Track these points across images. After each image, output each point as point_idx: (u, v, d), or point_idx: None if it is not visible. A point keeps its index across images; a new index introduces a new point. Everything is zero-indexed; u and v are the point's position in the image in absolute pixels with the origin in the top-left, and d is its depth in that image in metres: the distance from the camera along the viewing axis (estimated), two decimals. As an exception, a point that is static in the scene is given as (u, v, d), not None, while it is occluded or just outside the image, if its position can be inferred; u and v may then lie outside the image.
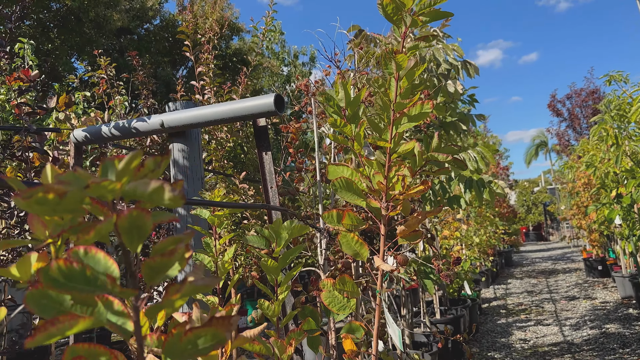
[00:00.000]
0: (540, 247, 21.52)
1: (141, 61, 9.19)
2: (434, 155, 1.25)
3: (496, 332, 5.82)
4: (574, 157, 10.31)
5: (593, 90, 18.35)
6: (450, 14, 1.17)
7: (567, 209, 12.49)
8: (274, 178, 1.88)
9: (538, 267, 13.15)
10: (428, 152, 1.27)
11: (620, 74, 5.92)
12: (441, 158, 1.24)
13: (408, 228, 1.24)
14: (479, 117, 4.69)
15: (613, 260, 9.20)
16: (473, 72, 3.50)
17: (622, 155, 5.58)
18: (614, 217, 5.72)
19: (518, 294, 8.68)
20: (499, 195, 2.88)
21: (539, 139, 37.88)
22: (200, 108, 1.91)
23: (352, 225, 1.21)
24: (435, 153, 1.25)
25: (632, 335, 5.10)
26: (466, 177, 2.91)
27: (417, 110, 1.23)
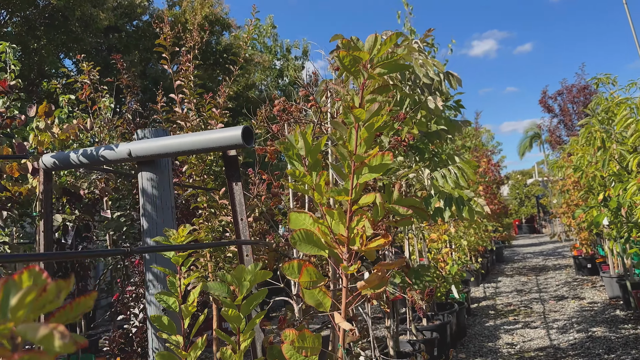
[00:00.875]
0: (532, 241, 21.64)
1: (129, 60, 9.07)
2: (395, 207, 1.22)
3: (484, 336, 5.83)
4: (564, 156, 10.32)
5: (584, 86, 18.37)
6: (408, 67, 1.13)
7: (558, 205, 12.53)
8: (245, 210, 1.85)
9: (529, 263, 13.21)
10: (389, 203, 1.24)
11: (608, 77, 5.90)
12: (402, 211, 1.21)
13: (369, 284, 1.21)
14: (465, 123, 4.66)
15: (602, 259, 9.24)
16: (455, 84, 3.46)
17: (609, 159, 5.57)
18: (601, 220, 5.72)
19: (507, 293, 8.71)
20: (478, 214, 2.86)
21: (532, 130, 37.92)
22: (168, 138, 1.86)
23: (310, 282, 1.18)
24: (396, 205, 1.22)
25: (617, 339, 5.12)
26: (446, 193, 2.88)
27: (378, 162, 1.20)
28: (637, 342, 4.95)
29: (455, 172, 2.96)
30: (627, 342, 4.99)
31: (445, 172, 2.96)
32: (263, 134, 3.16)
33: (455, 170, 2.96)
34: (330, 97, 2.51)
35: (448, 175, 2.94)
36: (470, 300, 8.03)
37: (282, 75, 23.03)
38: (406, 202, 1.23)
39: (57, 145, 3.31)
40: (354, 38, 1.16)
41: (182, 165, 3.40)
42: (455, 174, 2.94)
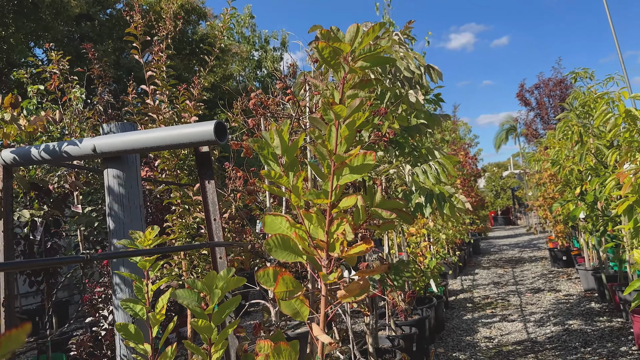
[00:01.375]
0: (508, 233, 21.92)
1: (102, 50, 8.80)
2: (377, 211, 1.13)
3: (462, 330, 5.84)
4: (540, 149, 10.41)
5: (560, 80, 18.58)
6: (391, 60, 1.05)
7: (534, 199, 12.67)
8: (218, 209, 1.75)
9: (505, 255, 13.36)
10: (372, 206, 1.16)
11: (585, 71, 5.92)
12: (385, 215, 1.13)
13: (349, 292, 1.13)
14: (445, 117, 4.61)
15: (577, 251, 9.37)
16: (436, 77, 3.40)
17: (587, 153, 5.60)
18: (578, 214, 5.76)
19: (484, 285, 8.77)
20: (459, 211, 2.81)
21: (508, 123, 38.37)
22: (136, 133, 1.75)
23: (286, 293, 1.09)
24: (378, 209, 1.13)
25: (593, 332, 5.16)
26: (427, 189, 2.82)
27: (360, 162, 1.11)
28: (612, 334, 5.00)
29: (436, 167, 2.90)
30: (602, 335, 5.04)
31: (426, 168, 2.89)
32: (239, 128, 3.05)
33: (436, 166, 2.90)
34: (308, 91, 2.42)
35: (429, 170, 2.88)
36: (448, 293, 8.06)
37: (260, 67, 22.78)
38: (390, 205, 1.14)
39: (25, 138, 3.16)
40: (333, 28, 1.07)
41: (155, 159, 3.27)
42: (436, 169, 2.87)
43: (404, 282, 3.78)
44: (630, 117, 3.68)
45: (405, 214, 1.17)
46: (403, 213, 1.16)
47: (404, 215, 1.17)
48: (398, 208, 1.17)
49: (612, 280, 6.23)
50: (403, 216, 1.17)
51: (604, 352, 4.50)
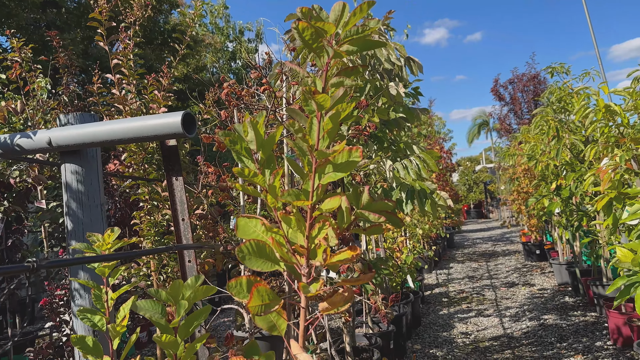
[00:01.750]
0: (481, 227, 22.18)
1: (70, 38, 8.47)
2: (364, 213, 1.02)
3: (438, 325, 5.80)
4: (514, 144, 10.47)
5: (534, 75, 18.78)
6: (382, 44, 0.93)
7: (507, 192, 12.78)
8: (186, 209, 1.60)
9: (479, 248, 13.46)
10: (358, 208, 1.04)
11: (562, 66, 5.92)
12: (372, 218, 1.01)
13: (332, 305, 1.01)
14: (423, 111, 4.53)
15: (550, 245, 9.47)
16: (416, 70, 3.30)
17: (563, 148, 5.60)
18: (553, 209, 5.77)
19: (459, 279, 8.78)
20: (441, 208, 2.72)
21: (480, 118, 38.82)
22: (96, 125, 1.59)
23: (262, 307, 0.97)
24: (365, 211, 1.02)
25: (568, 327, 5.18)
26: (408, 185, 2.72)
27: (344, 158, 0.99)
28: (586, 329, 5.02)
29: (417, 163, 2.81)
30: (577, 329, 5.06)
31: (407, 163, 2.79)
32: (212, 120, 2.90)
33: (417, 161, 2.81)
34: (285, 81, 2.28)
35: (410, 166, 2.78)
36: (424, 287, 8.05)
37: (235, 58, 22.43)
38: (377, 207, 1.03)
39: (-17, 129, 2.96)
40: (316, 7, 0.94)
41: (122, 152, 3.09)
42: (417, 164, 2.78)
43: (382, 279, 3.68)
44: (609, 112, 3.65)
45: (394, 217, 1.05)
46: (392, 216, 1.05)
47: (393, 219, 1.06)
48: (387, 210, 1.05)
49: (586, 274, 6.28)
50: (392, 219, 1.06)
51: (579, 347, 4.51)
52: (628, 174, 3.37)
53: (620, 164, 3.27)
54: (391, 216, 1.04)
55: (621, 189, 3.41)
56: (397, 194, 2.70)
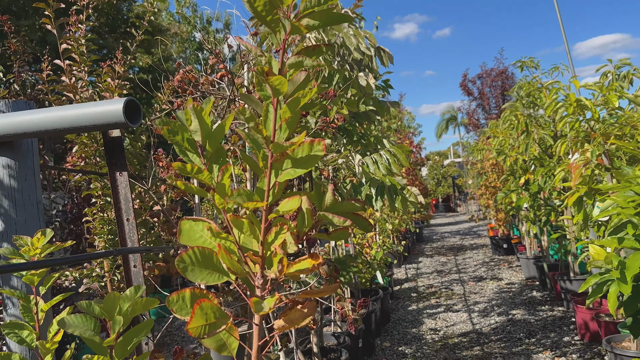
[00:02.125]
0: (449, 220, 22.40)
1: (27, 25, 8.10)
2: (328, 216, 0.88)
3: (407, 321, 5.74)
4: (483, 139, 10.52)
5: (502, 70, 18.99)
6: (349, 19, 0.79)
7: (475, 186, 12.88)
8: (131, 207, 1.44)
9: (447, 242, 13.55)
10: (321, 210, 0.90)
11: (531, 60, 5.91)
12: (337, 221, 0.87)
13: (289, 324, 0.87)
14: (394, 104, 4.42)
15: (517, 239, 9.56)
16: (387, 60, 3.18)
17: (532, 143, 5.60)
18: (522, 204, 5.78)
19: (428, 274, 8.78)
20: (411, 205, 2.61)
21: (448, 113, 39.25)
22: (27, 113, 1.41)
23: (206, 327, 0.82)
24: (329, 213, 0.88)
25: (536, 322, 5.18)
26: (378, 180, 2.60)
27: (305, 152, 0.85)
28: (554, 324, 5.03)
29: (387, 157, 2.69)
30: (545, 324, 5.06)
31: (377, 158, 2.67)
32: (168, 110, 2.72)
33: (387, 156, 2.69)
34: (247, 68, 2.13)
35: (380, 160, 2.66)
36: (393, 282, 8.00)
37: (202, 49, 21.96)
38: (343, 208, 0.89)
39: None
40: (272, -26, 0.79)
41: (72, 145, 2.88)
42: (387, 159, 2.66)
43: (351, 277, 3.57)
44: (580, 106, 3.62)
45: (362, 220, 0.92)
46: (360, 218, 0.91)
47: (361, 222, 0.92)
48: (354, 211, 0.91)
49: (554, 269, 6.32)
50: (360, 222, 0.92)
51: (547, 342, 4.50)
52: (599, 170, 3.34)
53: (591, 159, 3.23)
54: (358, 219, 0.90)
55: (592, 184, 3.37)
56: (367, 190, 2.57)
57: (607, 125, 3.57)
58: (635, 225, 2.37)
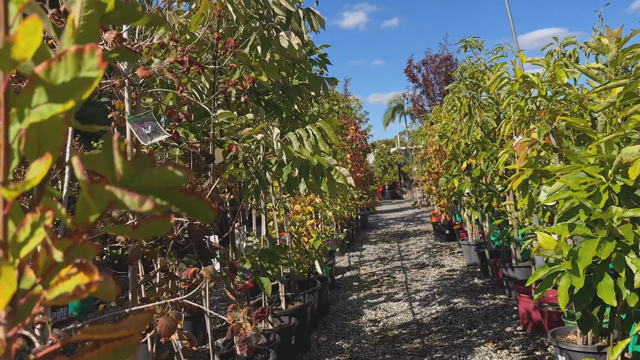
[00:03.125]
0: (394, 207, 22.49)
1: None
2: (115, 193, 0.48)
3: (347, 312, 5.45)
4: (426, 124, 10.38)
5: (447, 57, 19.00)
6: None
7: (419, 173, 12.81)
8: None
9: (392, 229, 13.46)
10: (114, 183, 0.50)
11: (475, 40, 5.69)
12: (131, 203, 0.48)
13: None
14: (331, 81, 4.06)
15: (459, 225, 9.49)
16: (317, 24, 2.80)
17: (474, 126, 5.39)
18: (464, 189, 5.58)
19: (371, 262, 8.56)
20: (340, 187, 2.25)
21: (395, 102, 39.56)
22: None
23: None
24: (118, 189, 0.48)
25: (478, 311, 5.01)
26: (303, 159, 2.22)
27: (71, 71, 0.45)
28: (496, 313, 4.87)
29: (314, 133, 2.31)
30: (487, 314, 4.89)
31: (302, 133, 2.29)
32: None
33: (314, 131, 2.31)
34: None
35: (305, 137, 2.28)
36: (335, 271, 7.71)
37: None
38: (152, 179, 0.50)
39: None
40: None
41: None
42: (314, 135, 2.28)
43: (280, 270, 3.20)
44: (526, 83, 3.37)
45: (192, 200, 0.53)
46: (186, 198, 0.52)
47: (188, 203, 0.53)
48: (171, 185, 0.52)
49: (495, 255, 6.20)
50: (187, 204, 0.53)
51: (489, 333, 4.31)
52: (546, 150, 3.10)
53: (538, 139, 2.98)
54: (182, 198, 0.51)
55: (538, 167, 3.13)
56: (289, 170, 2.19)
57: (554, 102, 3.34)
58: (588, 209, 2.11)
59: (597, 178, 2.21)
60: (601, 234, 2.06)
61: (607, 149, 2.24)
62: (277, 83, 3.28)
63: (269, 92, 3.20)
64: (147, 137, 1.61)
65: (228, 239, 3.31)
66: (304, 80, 3.58)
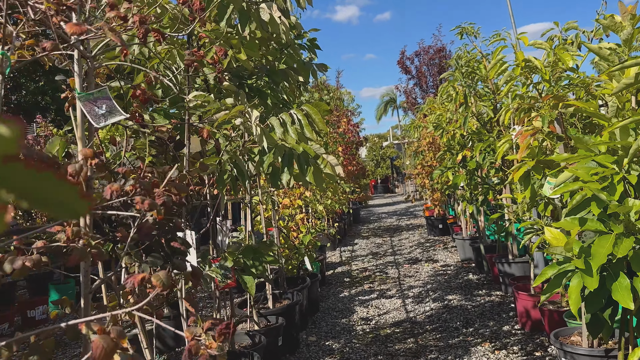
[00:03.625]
0: (387, 201, 22.32)
1: None
2: None
3: (338, 310, 5.25)
4: (420, 116, 10.16)
5: (440, 48, 18.70)
6: None
7: (412, 167, 12.61)
8: None
9: (384, 223, 13.27)
10: None
11: (471, 27, 5.46)
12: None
13: None
14: (321, 68, 3.84)
15: (453, 219, 9.31)
16: (304, 1, 2.57)
17: (470, 116, 5.18)
18: (459, 182, 5.38)
19: (363, 257, 8.36)
20: (328, 178, 2.03)
21: (388, 96, 39.36)
22: None
23: None
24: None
25: (474, 309, 4.82)
26: (286, 147, 2.00)
27: None
28: (493, 311, 4.68)
29: (299, 118, 2.09)
30: (483, 311, 4.70)
31: (286, 118, 2.07)
32: None
33: (300, 116, 2.09)
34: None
35: (289, 122, 2.06)
36: (326, 266, 7.51)
37: None
38: None
39: None
40: None
41: None
42: (299, 120, 2.06)
43: (265, 268, 2.98)
44: (528, 68, 3.16)
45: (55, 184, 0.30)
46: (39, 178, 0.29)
47: (45, 188, 0.30)
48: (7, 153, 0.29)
49: (491, 250, 6.02)
50: (41, 189, 0.30)
51: (486, 332, 4.12)
52: (550, 139, 2.89)
53: (541, 127, 2.78)
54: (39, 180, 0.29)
55: (541, 157, 2.93)
56: (270, 159, 1.97)
57: (558, 88, 3.14)
58: (602, 202, 1.90)
59: (610, 168, 2.00)
60: (617, 230, 1.86)
61: (622, 135, 2.03)
62: (263, 66, 3.05)
63: (253, 76, 2.97)
64: (100, 117, 1.38)
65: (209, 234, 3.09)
66: (290, 64, 3.36)
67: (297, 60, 3.46)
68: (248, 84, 2.97)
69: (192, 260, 2.30)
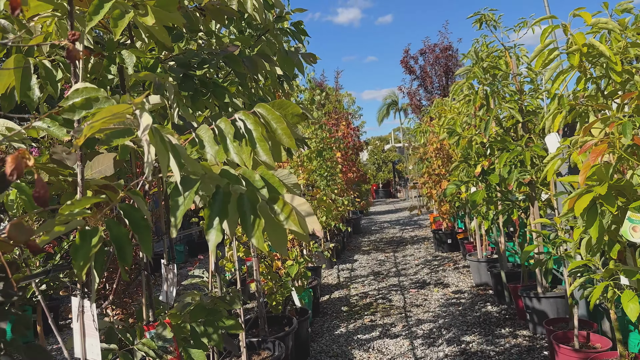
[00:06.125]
0: (389, 207, 21.39)
1: None
2: None
3: (332, 355, 4.35)
4: (426, 120, 9.27)
5: (447, 47, 17.66)
6: None
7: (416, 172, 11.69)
8: None
9: (386, 234, 12.36)
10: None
11: (492, 14, 4.58)
12: None
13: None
14: (308, 57, 2.96)
15: (463, 233, 8.40)
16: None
17: (492, 121, 4.30)
18: (478, 199, 4.49)
19: (364, 277, 7.46)
20: (297, 235, 1.09)
21: (390, 98, 38.60)
22: None
23: None
24: None
25: (497, 356, 3.92)
26: (220, 180, 1.12)
27: None
28: (521, 359, 3.79)
29: (248, 126, 1.21)
30: None
31: (224, 127, 1.19)
32: None
33: (249, 123, 1.21)
34: None
35: (229, 133, 1.18)
36: (321, 290, 6.62)
37: None
38: None
39: None
40: None
41: None
42: (244, 130, 1.18)
43: (219, 337, 2.10)
44: (590, 56, 2.28)
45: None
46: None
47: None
48: None
49: (513, 278, 5.13)
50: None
51: (520, 398, 3.23)
52: (631, 157, 2.01)
53: (624, 135, 1.89)
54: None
55: (614, 181, 2.05)
56: (190, 203, 1.08)
57: (632, 85, 2.26)
58: None
59: None
60: None
61: None
62: (222, 51, 2.18)
63: (205, 64, 2.10)
64: None
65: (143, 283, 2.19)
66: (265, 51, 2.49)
67: (278, 50, 2.60)
68: (197, 75, 2.09)
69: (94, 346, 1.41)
